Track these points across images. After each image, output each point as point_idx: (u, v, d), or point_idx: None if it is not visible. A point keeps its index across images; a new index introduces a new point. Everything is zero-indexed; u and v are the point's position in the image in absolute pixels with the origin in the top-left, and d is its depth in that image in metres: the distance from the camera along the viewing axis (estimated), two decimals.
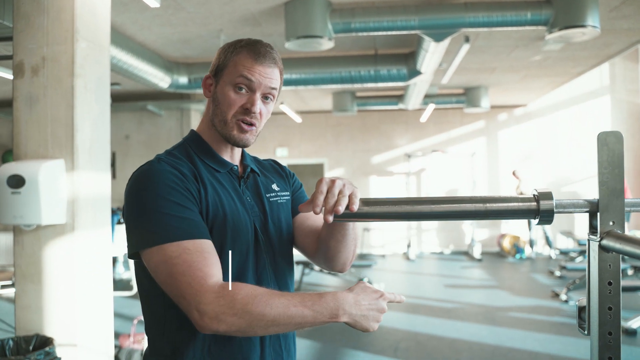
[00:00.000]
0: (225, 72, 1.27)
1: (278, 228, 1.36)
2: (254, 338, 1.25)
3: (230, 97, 1.26)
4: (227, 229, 1.22)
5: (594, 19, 4.76)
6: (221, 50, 1.30)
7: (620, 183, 1.04)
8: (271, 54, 1.28)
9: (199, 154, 1.30)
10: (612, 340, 1.07)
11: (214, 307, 1.04)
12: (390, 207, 1.08)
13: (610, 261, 1.05)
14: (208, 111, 1.33)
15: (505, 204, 1.06)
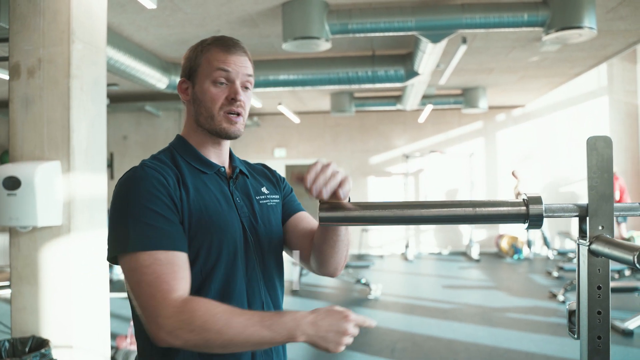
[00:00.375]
0: (200, 71, 1.28)
1: (268, 230, 1.37)
2: None
3: (212, 92, 1.27)
4: (212, 231, 1.23)
5: (591, 20, 4.77)
6: (189, 53, 1.32)
7: (610, 188, 1.05)
8: (239, 44, 1.32)
9: (184, 156, 1.32)
10: (602, 344, 1.07)
11: (172, 322, 1.06)
12: (382, 211, 1.08)
13: (600, 265, 1.06)
14: (190, 114, 1.34)
15: (495, 208, 1.06)
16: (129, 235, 1.13)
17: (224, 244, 1.24)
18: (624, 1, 5.11)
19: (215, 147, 1.35)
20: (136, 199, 1.16)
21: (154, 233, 1.13)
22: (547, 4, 4.88)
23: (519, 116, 11.54)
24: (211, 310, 1.07)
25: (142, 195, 1.16)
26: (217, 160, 1.36)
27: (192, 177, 1.28)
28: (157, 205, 1.15)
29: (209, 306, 1.08)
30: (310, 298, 7.04)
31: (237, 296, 1.25)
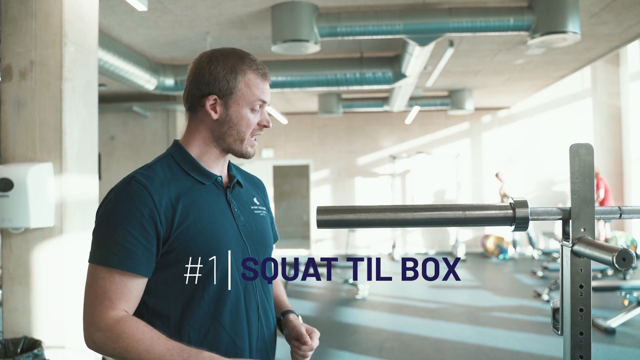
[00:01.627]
0: (239, 96, 1.32)
1: (263, 237, 1.43)
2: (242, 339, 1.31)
3: (249, 118, 1.34)
4: (204, 240, 1.28)
5: (575, 25, 4.87)
6: (220, 70, 1.31)
7: (591, 192, 1.11)
8: (267, 69, 1.38)
9: (183, 166, 1.35)
10: (583, 340, 1.14)
11: (100, 336, 1.18)
12: (376, 214, 1.13)
13: (582, 265, 1.12)
14: (207, 129, 1.36)
15: (483, 211, 1.12)
16: (98, 248, 1.23)
17: (217, 253, 1.28)
18: (606, 6, 5.22)
19: (220, 160, 1.39)
20: (116, 215, 1.22)
21: (120, 252, 1.19)
22: (533, 9, 4.97)
23: (504, 117, 11.67)
24: (136, 335, 1.16)
25: (122, 214, 1.22)
26: (218, 171, 1.39)
27: (187, 188, 1.31)
28: (132, 226, 1.21)
29: (136, 331, 1.16)
30: (299, 298, 7.10)
31: (232, 299, 1.30)
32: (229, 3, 4.96)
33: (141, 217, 1.21)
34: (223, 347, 1.28)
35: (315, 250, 11.83)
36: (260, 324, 1.36)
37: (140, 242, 1.21)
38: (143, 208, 1.22)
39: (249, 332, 1.33)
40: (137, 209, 1.22)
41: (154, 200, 1.24)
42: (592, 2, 5.11)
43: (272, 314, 1.43)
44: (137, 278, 1.22)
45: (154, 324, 1.24)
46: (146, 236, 1.22)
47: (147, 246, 1.22)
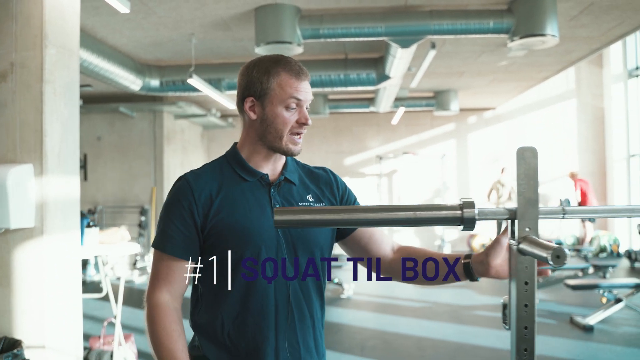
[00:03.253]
0: (273, 95, 1.41)
1: (304, 233, 1.47)
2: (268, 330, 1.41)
3: (284, 116, 1.42)
4: (235, 232, 1.40)
5: (553, 28, 4.95)
6: (257, 74, 1.42)
7: (535, 194, 1.17)
8: (305, 70, 1.45)
9: (232, 165, 1.48)
10: (528, 334, 1.19)
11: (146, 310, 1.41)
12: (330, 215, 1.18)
13: (527, 263, 1.17)
14: (252, 129, 1.47)
15: (433, 212, 1.17)
16: (156, 234, 1.46)
17: (248, 244, 1.40)
18: (584, 10, 5.31)
19: (269, 159, 1.48)
20: (165, 207, 1.46)
21: (164, 238, 1.42)
22: (512, 12, 5.05)
23: (490, 118, 11.79)
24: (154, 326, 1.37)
25: (168, 206, 1.44)
26: (268, 169, 1.49)
27: (230, 185, 1.45)
28: (175, 216, 1.41)
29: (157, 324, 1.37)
30: None
31: (260, 291, 1.41)
32: (213, 5, 5.00)
33: (182, 209, 1.40)
34: (250, 332, 1.40)
35: None
36: (291, 317, 1.42)
37: (180, 230, 1.40)
38: (184, 201, 1.41)
39: (276, 323, 1.41)
40: (179, 202, 1.41)
41: (194, 195, 1.41)
42: (571, 6, 5.20)
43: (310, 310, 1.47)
44: (178, 261, 1.41)
45: (201, 305, 1.46)
46: (185, 225, 1.40)
47: (187, 234, 1.40)
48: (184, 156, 10.70)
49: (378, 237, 1.58)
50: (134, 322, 5.91)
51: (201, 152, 11.87)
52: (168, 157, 9.78)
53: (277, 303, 1.41)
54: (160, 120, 9.63)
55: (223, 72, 6.93)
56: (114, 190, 9.59)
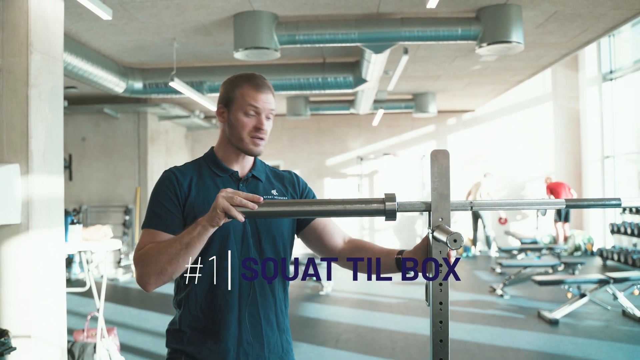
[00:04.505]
0: (235, 103, 1.67)
1: (267, 222, 1.70)
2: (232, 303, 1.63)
3: (243, 121, 1.66)
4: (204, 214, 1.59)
5: (518, 35, 5.21)
6: (227, 86, 1.70)
7: (447, 189, 1.39)
8: (266, 84, 1.69)
9: (208, 163, 1.75)
10: (442, 309, 1.41)
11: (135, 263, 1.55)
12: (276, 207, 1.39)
13: (440, 248, 1.40)
14: (224, 133, 1.74)
15: (360, 205, 1.39)
16: (146, 217, 1.66)
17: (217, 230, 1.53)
18: (549, 18, 5.57)
19: (239, 159, 1.74)
20: (154, 194, 1.67)
21: (154, 217, 1.63)
22: (479, 19, 5.30)
23: (468, 120, 12.07)
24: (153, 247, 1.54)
25: (157, 192, 1.66)
26: (239, 168, 1.75)
27: (204, 177, 1.70)
28: (163, 198, 1.64)
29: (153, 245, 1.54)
30: None
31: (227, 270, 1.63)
32: (193, 12, 5.20)
33: (169, 192, 1.64)
34: (218, 304, 1.63)
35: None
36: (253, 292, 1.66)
37: (167, 209, 1.62)
38: (170, 186, 1.65)
39: (239, 297, 1.64)
40: (167, 187, 1.65)
41: (179, 182, 1.67)
42: (536, 14, 5.46)
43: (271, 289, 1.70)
44: (162, 234, 1.60)
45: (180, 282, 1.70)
46: (172, 205, 1.63)
47: (173, 212, 1.63)
48: (168, 157, 10.86)
49: (330, 228, 1.80)
50: (117, 317, 6.09)
51: (185, 153, 12.03)
52: (152, 158, 9.94)
53: (241, 281, 1.64)
54: (145, 122, 9.79)
55: (204, 75, 7.12)
56: (98, 190, 9.73)
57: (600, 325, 5.56)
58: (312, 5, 5.09)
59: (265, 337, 1.68)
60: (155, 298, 7.65)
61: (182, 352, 1.67)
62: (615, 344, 4.93)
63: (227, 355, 1.62)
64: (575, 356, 4.63)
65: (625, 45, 10.68)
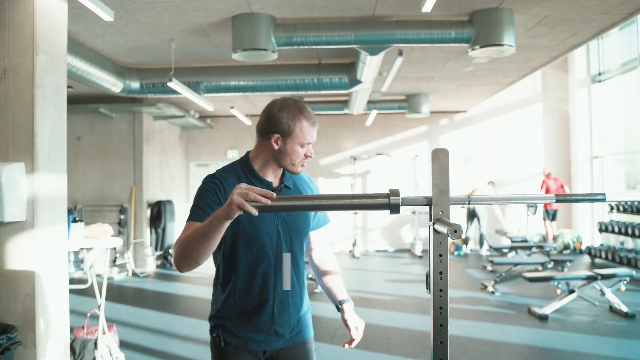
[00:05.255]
0: (293, 136, 1.90)
1: (296, 226, 2.00)
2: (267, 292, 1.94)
3: (298, 151, 1.92)
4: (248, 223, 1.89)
5: (510, 38, 5.34)
6: (283, 117, 1.90)
7: (447, 185, 1.50)
8: (316, 119, 1.96)
9: (245, 172, 1.97)
10: (442, 295, 1.52)
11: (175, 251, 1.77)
12: (293, 201, 1.51)
13: (441, 239, 1.50)
14: (269, 152, 1.95)
15: (366, 199, 1.50)
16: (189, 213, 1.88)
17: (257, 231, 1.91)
18: (540, 21, 5.71)
19: (276, 172, 2.00)
20: (200, 193, 1.90)
21: (197, 212, 1.85)
22: (472, 23, 5.42)
23: (460, 121, 12.22)
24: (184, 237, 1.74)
25: (203, 192, 1.90)
26: (273, 178, 2.00)
27: None
28: (208, 197, 1.87)
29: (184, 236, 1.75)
30: None
31: (265, 265, 1.93)
32: (192, 13, 5.28)
33: (212, 193, 1.87)
34: (255, 295, 1.93)
35: None
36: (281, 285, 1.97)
37: (210, 206, 1.83)
38: (216, 188, 1.88)
39: (274, 290, 1.95)
40: (213, 189, 1.89)
41: (223, 186, 1.89)
42: (527, 18, 5.59)
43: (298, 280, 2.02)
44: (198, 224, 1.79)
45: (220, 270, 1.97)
46: (214, 204, 1.84)
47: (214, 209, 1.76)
48: (163, 156, 10.93)
49: (314, 241, 2.19)
50: (114, 315, 6.17)
51: (179, 153, 12.09)
52: (147, 157, 10.00)
53: (276, 275, 1.95)
54: (140, 121, 9.85)
55: (202, 76, 7.20)
56: (93, 190, 9.77)
57: (588, 320, 5.71)
58: (309, 7, 5.19)
59: (292, 319, 2.00)
60: (152, 296, 7.74)
61: (222, 326, 1.97)
62: (602, 337, 5.08)
63: (260, 334, 1.95)
64: (564, 350, 4.77)
65: (614, 48, 10.86)
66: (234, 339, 1.95)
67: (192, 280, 8.95)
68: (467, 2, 5.15)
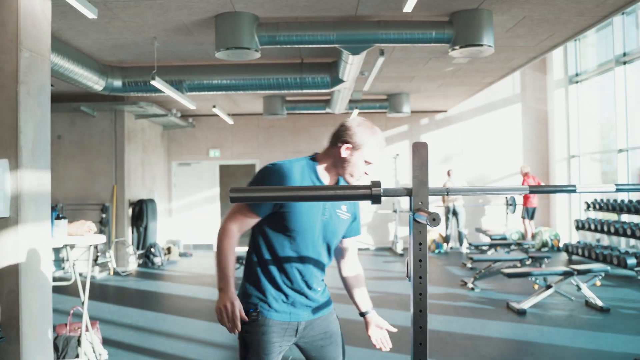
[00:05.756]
0: (362, 151, 2.11)
1: (333, 229, 2.23)
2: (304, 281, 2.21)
3: (359, 166, 2.13)
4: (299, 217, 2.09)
5: (489, 39, 5.45)
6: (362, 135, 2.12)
7: (426, 177, 1.57)
8: (383, 146, 2.20)
9: (309, 172, 2.15)
10: (422, 282, 1.60)
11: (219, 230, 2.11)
12: (274, 192, 1.56)
13: (420, 228, 1.57)
14: (336, 159, 2.15)
15: (349, 190, 1.57)
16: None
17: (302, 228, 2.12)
18: (518, 23, 5.84)
19: (333, 179, 2.21)
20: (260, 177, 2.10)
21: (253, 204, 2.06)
22: (452, 23, 5.53)
23: (441, 120, 12.37)
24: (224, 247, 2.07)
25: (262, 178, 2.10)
26: (327, 181, 2.20)
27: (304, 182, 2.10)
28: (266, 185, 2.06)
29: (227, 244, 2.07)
30: None
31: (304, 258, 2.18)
32: (175, 12, 5.31)
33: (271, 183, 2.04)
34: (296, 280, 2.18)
35: None
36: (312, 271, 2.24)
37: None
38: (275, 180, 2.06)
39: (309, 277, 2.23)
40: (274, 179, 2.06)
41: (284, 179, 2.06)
42: (506, 19, 5.72)
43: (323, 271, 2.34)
44: (254, 216, 2.08)
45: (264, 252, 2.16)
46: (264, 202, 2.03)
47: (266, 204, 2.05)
48: (145, 155, 10.90)
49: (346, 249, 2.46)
50: (96, 313, 6.16)
51: (161, 151, 12.07)
52: (129, 156, 9.97)
53: (312, 267, 2.23)
54: (121, 120, 9.82)
55: (184, 74, 7.22)
56: (74, 188, 9.72)
57: (564, 314, 5.85)
58: (292, 7, 5.25)
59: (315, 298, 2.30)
60: (134, 295, 7.73)
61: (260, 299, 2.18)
62: (577, 331, 5.22)
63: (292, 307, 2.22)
64: (540, 343, 4.89)
65: (591, 49, 11.09)
66: (272, 312, 2.16)
67: (174, 278, 8.96)
68: (447, 3, 5.26)
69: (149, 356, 4.74)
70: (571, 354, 4.62)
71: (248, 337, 2.14)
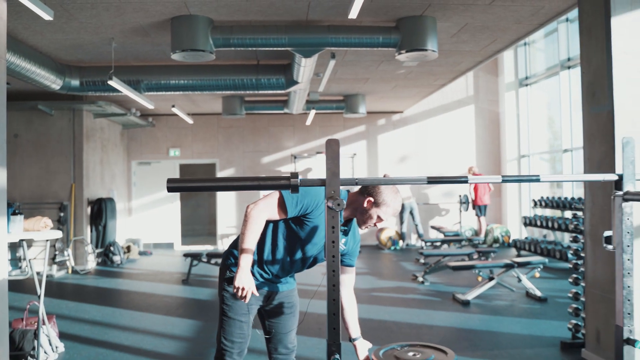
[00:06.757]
0: (380, 209, 2.55)
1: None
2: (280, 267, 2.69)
3: (374, 219, 2.58)
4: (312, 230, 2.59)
5: (433, 44, 5.76)
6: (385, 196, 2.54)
7: (337, 169, 1.82)
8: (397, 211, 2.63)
9: None
10: (334, 261, 1.84)
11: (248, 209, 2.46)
12: (205, 183, 1.79)
13: (332, 214, 1.82)
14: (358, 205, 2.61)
15: (272, 181, 1.80)
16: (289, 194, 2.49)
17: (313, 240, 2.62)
18: (461, 29, 6.17)
19: (349, 214, 2.65)
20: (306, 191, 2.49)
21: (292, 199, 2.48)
22: (399, 29, 5.82)
23: (397, 121, 12.73)
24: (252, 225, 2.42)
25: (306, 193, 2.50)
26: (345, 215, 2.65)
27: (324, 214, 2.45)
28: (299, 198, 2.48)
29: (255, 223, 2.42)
30: (201, 287, 7.67)
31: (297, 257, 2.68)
32: (132, 14, 5.46)
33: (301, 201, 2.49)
34: (280, 262, 2.67)
35: (220, 245, 12.39)
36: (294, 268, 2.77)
37: (295, 204, 2.48)
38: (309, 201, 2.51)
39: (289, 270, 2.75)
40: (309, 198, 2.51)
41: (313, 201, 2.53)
42: (449, 25, 6.04)
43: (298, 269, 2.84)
44: (284, 211, 2.49)
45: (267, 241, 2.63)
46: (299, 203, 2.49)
47: (299, 208, 2.49)
48: (104, 154, 10.93)
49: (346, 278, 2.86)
50: (54, 309, 6.24)
51: (121, 151, 12.09)
52: (87, 155, 10.00)
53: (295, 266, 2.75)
54: (80, 119, 9.83)
55: (142, 74, 7.34)
56: (31, 187, 9.69)
57: (505, 304, 6.22)
58: (245, 11, 5.46)
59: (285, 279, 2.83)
60: (92, 292, 7.81)
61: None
62: (515, 319, 5.58)
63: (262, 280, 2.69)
64: (479, 330, 5.22)
65: (539, 54, 11.60)
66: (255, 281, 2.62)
67: (132, 276, 9.05)
68: (393, 9, 5.54)
69: (106, 348, 4.88)
70: (506, 338, 4.97)
71: (231, 298, 2.64)
